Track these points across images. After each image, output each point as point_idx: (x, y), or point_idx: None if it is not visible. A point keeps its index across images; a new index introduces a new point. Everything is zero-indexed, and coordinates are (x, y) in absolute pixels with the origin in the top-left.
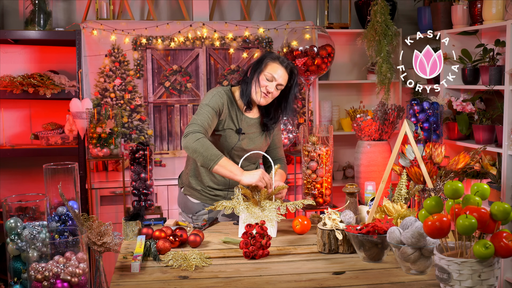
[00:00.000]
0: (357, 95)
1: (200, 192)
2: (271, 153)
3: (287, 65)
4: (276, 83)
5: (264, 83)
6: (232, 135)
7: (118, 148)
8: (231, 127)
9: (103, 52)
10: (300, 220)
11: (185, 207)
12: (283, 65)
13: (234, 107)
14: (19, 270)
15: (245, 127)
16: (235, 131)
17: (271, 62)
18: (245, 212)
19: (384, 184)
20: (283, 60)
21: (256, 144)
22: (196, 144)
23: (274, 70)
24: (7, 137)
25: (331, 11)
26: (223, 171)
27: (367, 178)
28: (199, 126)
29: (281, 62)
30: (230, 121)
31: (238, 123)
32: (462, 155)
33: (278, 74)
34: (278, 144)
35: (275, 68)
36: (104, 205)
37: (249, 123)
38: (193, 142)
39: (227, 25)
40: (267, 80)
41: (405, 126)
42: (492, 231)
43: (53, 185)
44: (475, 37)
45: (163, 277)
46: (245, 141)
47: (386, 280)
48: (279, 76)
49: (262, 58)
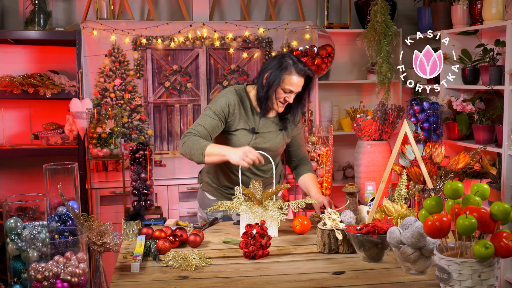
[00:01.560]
0: (357, 95)
1: (216, 190)
2: (294, 152)
3: (304, 73)
4: (295, 92)
5: (282, 95)
6: (246, 135)
7: (118, 148)
8: (245, 126)
9: (103, 52)
10: (300, 220)
11: (202, 203)
12: (301, 74)
13: (248, 107)
14: (19, 270)
15: (260, 126)
16: (248, 131)
17: (288, 76)
18: (248, 212)
19: (384, 184)
20: (300, 69)
21: (271, 143)
22: (183, 148)
23: (291, 83)
24: (7, 137)
25: (331, 11)
26: (213, 158)
27: (367, 178)
28: (192, 133)
29: (298, 72)
30: (243, 121)
31: (252, 122)
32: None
33: (296, 86)
34: (300, 143)
35: (292, 81)
36: (104, 205)
37: (265, 122)
38: (181, 148)
39: (227, 25)
40: (286, 93)
41: (405, 126)
42: (492, 231)
43: (53, 185)
44: (475, 37)
45: (163, 277)
46: (258, 141)
47: (386, 280)
48: (297, 87)
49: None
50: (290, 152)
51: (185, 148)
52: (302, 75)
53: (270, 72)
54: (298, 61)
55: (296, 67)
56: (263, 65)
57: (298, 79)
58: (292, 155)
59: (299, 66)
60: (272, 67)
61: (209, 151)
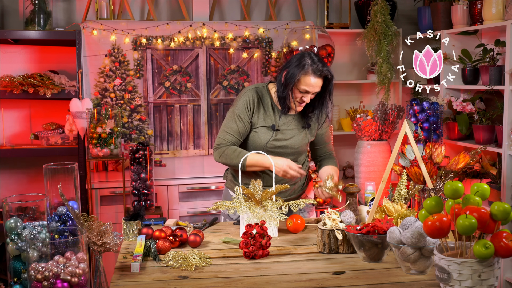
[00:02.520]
0: (357, 95)
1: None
2: (320, 150)
3: (321, 73)
4: (311, 93)
5: (299, 95)
6: (266, 132)
7: (118, 148)
8: (265, 124)
9: (103, 52)
10: (295, 220)
11: (225, 199)
12: (317, 74)
13: (268, 104)
14: (19, 270)
15: (281, 123)
16: (269, 128)
17: (304, 76)
18: (247, 212)
19: (384, 184)
20: (317, 69)
21: (292, 140)
22: (221, 159)
23: (308, 84)
24: (7, 137)
25: (331, 11)
26: (255, 169)
27: (367, 178)
28: (221, 139)
29: (314, 72)
30: (264, 118)
31: (273, 119)
32: (462, 155)
33: (312, 86)
34: (327, 141)
35: (308, 81)
36: (104, 205)
37: (286, 120)
38: (218, 159)
39: (227, 25)
40: (301, 92)
41: (405, 126)
42: (492, 231)
43: (53, 185)
44: (475, 37)
45: (163, 277)
46: (279, 137)
47: (386, 280)
48: (314, 88)
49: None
50: (315, 150)
51: (223, 159)
52: (318, 75)
53: (288, 71)
54: (318, 61)
55: (313, 67)
56: (285, 62)
57: (314, 79)
58: (317, 152)
59: (316, 67)
60: (291, 66)
61: (250, 163)
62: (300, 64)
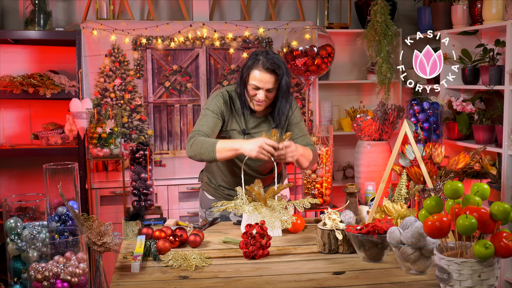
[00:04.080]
0: (357, 95)
1: (214, 189)
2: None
3: (268, 68)
4: (263, 89)
5: (252, 93)
6: (236, 136)
7: (118, 148)
8: (236, 127)
9: (103, 52)
10: (294, 219)
11: (201, 201)
12: (265, 69)
13: (239, 108)
14: (19, 270)
15: (251, 126)
16: (239, 132)
17: (252, 71)
18: (254, 213)
19: (384, 184)
20: (264, 62)
21: None
22: (191, 150)
23: (256, 79)
24: (7, 137)
25: (331, 11)
26: (226, 154)
27: (367, 178)
28: (194, 132)
29: (262, 67)
30: (234, 122)
31: (243, 123)
32: (462, 155)
33: (261, 82)
34: (300, 133)
35: (256, 76)
36: (104, 205)
37: (257, 122)
38: (189, 150)
39: (227, 25)
40: (254, 89)
41: (405, 126)
42: (492, 231)
43: (53, 185)
44: (475, 37)
45: (163, 277)
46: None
47: (386, 280)
48: (263, 83)
49: (244, 66)
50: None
51: (194, 149)
52: (266, 70)
53: (242, 68)
54: (271, 58)
55: (262, 62)
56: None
57: (262, 75)
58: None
59: (265, 62)
60: (246, 63)
61: (219, 147)
62: (252, 60)
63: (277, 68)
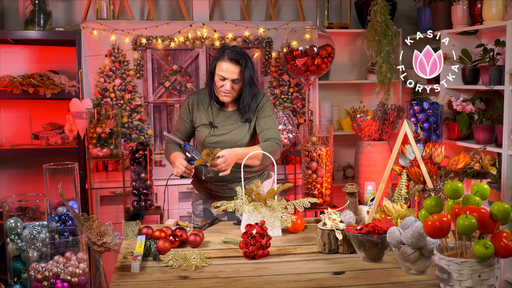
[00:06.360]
0: (357, 95)
1: (197, 184)
2: (261, 135)
3: (232, 58)
4: (229, 80)
5: (219, 84)
6: (204, 129)
7: (118, 148)
8: (204, 122)
9: (103, 52)
10: (294, 220)
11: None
12: (229, 59)
13: (208, 104)
14: (19, 270)
15: (220, 120)
16: (207, 125)
17: (218, 62)
18: (254, 213)
19: (384, 184)
20: (229, 54)
21: (230, 135)
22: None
23: (222, 69)
24: (7, 137)
25: (331, 11)
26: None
27: (367, 178)
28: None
29: (227, 57)
30: (204, 117)
31: (211, 117)
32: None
33: (227, 72)
34: (265, 127)
35: (222, 67)
36: (104, 205)
37: (226, 116)
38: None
39: (227, 25)
40: (221, 80)
41: (405, 126)
42: (492, 231)
43: (53, 185)
44: (475, 37)
45: (163, 277)
46: (217, 133)
47: (386, 280)
48: (229, 74)
49: (213, 59)
50: (258, 136)
51: (165, 153)
52: (231, 61)
53: (211, 61)
54: (234, 49)
55: (227, 53)
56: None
57: (227, 65)
58: (260, 139)
59: (229, 53)
60: (214, 57)
61: (171, 159)
62: (219, 53)
63: (240, 59)
